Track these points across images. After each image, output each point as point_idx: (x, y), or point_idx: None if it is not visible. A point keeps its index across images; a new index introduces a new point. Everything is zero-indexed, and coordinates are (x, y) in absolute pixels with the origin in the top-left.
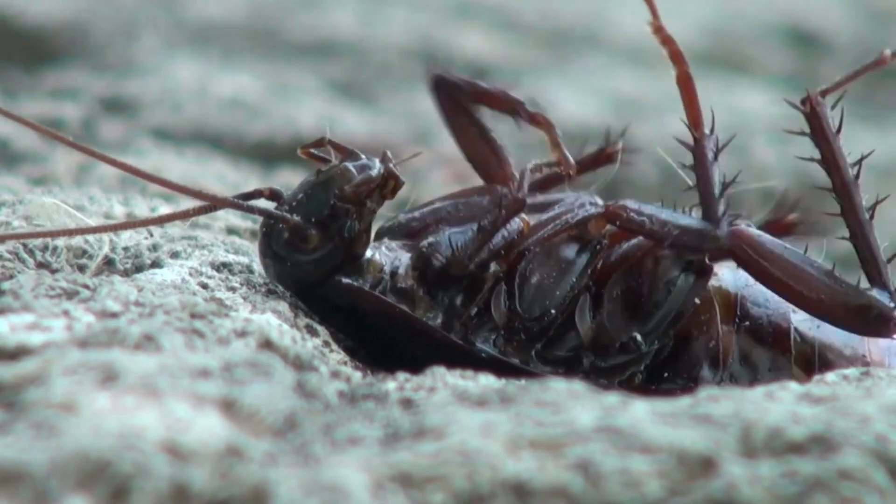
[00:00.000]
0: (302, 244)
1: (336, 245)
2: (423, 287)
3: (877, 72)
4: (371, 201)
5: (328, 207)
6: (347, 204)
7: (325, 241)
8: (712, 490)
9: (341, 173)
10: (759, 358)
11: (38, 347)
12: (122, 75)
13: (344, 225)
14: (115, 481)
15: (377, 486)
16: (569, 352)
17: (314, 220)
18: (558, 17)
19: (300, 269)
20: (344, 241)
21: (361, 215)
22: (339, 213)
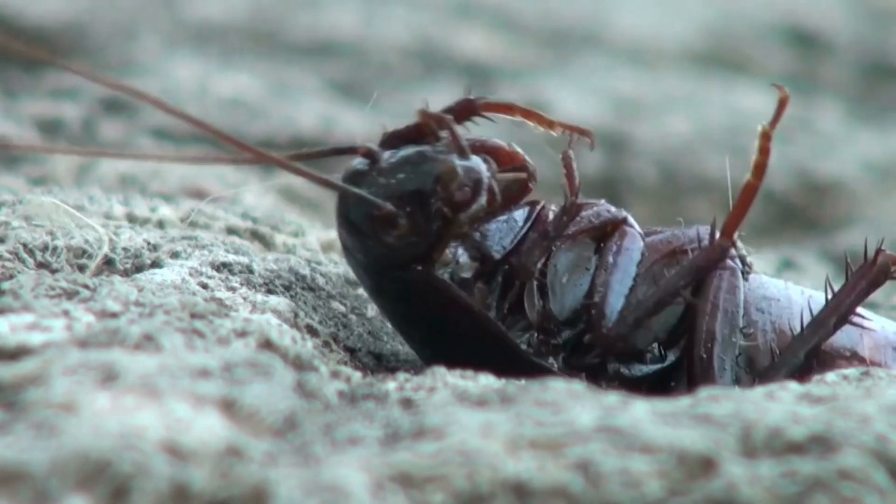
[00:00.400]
0: (388, 229)
1: (421, 240)
2: (481, 279)
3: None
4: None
5: (426, 205)
6: (446, 210)
7: (413, 233)
8: (712, 490)
9: (451, 177)
10: (761, 365)
11: (38, 347)
12: (122, 75)
13: (436, 225)
14: (115, 481)
15: (377, 486)
16: (594, 358)
17: (407, 210)
18: (558, 17)
19: (379, 248)
20: (430, 240)
21: (452, 225)
22: (435, 214)
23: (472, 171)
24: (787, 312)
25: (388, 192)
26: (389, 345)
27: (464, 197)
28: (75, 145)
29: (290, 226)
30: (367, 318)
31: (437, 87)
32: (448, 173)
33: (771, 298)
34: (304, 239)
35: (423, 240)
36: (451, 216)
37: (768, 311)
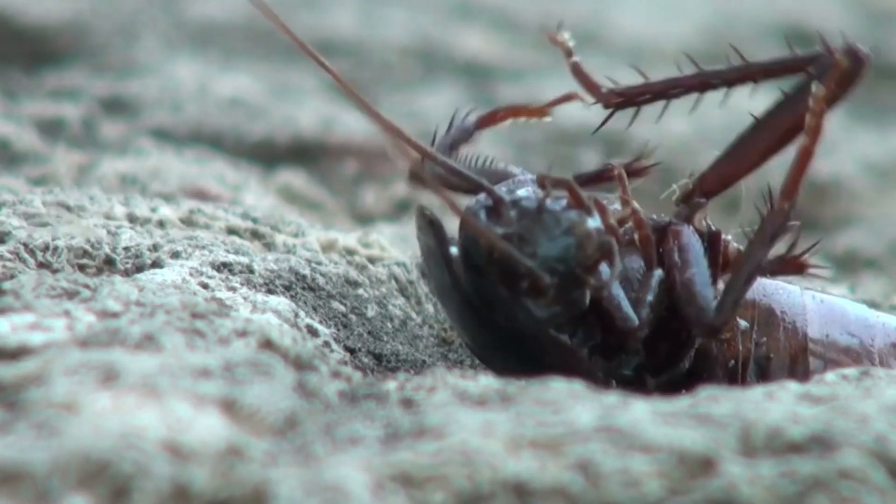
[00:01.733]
0: (536, 297)
1: (564, 309)
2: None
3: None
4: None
5: (570, 273)
6: (587, 276)
7: (556, 302)
8: (712, 490)
9: (588, 240)
10: (776, 376)
11: (38, 347)
12: (122, 75)
13: (577, 294)
14: (115, 481)
15: (377, 485)
16: (633, 371)
17: (555, 280)
18: (558, 17)
19: (518, 311)
20: (571, 308)
21: (591, 283)
22: (578, 282)
23: (601, 232)
24: (801, 319)
25: (538, 259)
26: (389, 345)
27: (599, 257)
28: (75, 146)
29: (290, 226)
30: (367, 318)
31: (437, 87)
32: (587, 239)
33: (784, 305)
34: (305, 239)
35: (566, 308)
36: (586, 280)
37: (782, 319)
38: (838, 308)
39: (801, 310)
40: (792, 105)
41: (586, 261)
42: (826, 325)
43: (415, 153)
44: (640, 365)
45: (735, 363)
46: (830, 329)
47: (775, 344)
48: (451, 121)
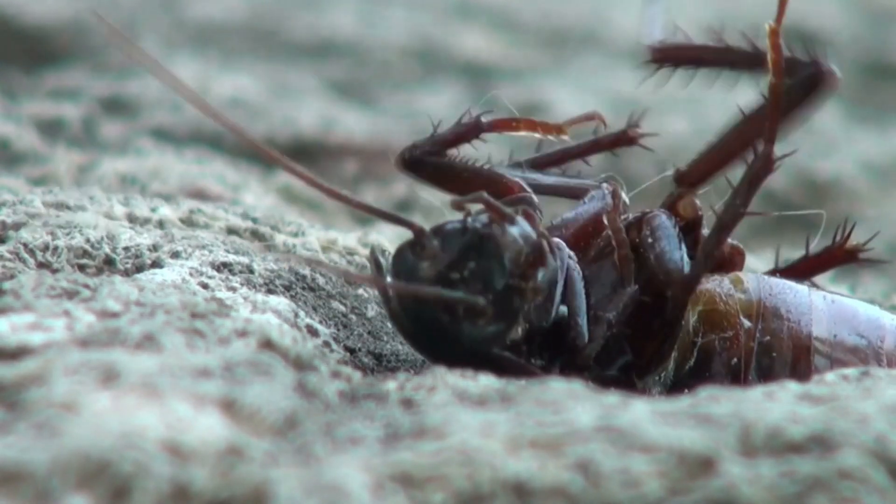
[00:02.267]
0: (474, 319)
1: (506, 322)
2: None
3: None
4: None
5: (504, 287)
6: (523, 285)
7: (497, 318)
8: (712, 490)
9: (517, 253)
10: (778, 375)
11: (38, 347)
12: (122, 75)
13: (517, 303)
14: (115, 481)
15: (377, 485)
16: (619, 371)
17: (490, 297)
18: (558, 17)
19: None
20: (511, 318)
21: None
22: (514, 292)
23: (528, 237)
24: (807, 318)
25: (470, 285)
26: (389, 345)
27: (530, 263)
28: (75, 146)
29: (290, 226)
30: (367, 318)
31: (437, 87)
32: (512, 246)
33: (790, 304)
34: (305, 239)
35: (507, 321)
36: (524, 288)
37: (787, 318)
38: (849, 308)
39: (807, 309)
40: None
41: (516, 270)
42: (835, 325)
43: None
44: (626, 364)
45: (738, 361)
46: (839, 329)
47: (778, 343)
48: (460, 118)
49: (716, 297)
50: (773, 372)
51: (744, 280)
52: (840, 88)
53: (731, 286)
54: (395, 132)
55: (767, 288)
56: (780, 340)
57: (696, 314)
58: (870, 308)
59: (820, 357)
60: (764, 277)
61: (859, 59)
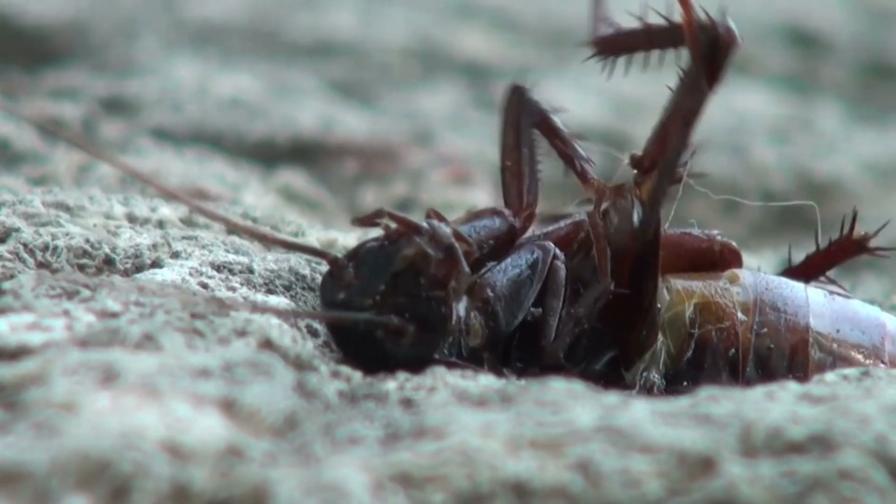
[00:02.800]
0: (398, 340)
1: (434, 332)
2: (489, 346)
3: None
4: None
5: (421, 299)
6: (439, 292)
7: (422, 332)
8: (712, 490)
9: (423, 261)
10: (776, 365)
11: (38, 347)
12: (122, 75)
13: (438, 310)
14: (115, 481)
15: (377, 485)
16: (606, 365)
17: (407, 316)
18: (558, 17)
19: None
20: (440, 326)
21: (450, 298)
22: (432, 302)
23: (437, 239)
24: (804, 311)
25: (384, 306)
26: None
27: (444, 268)
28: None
29: (290, 226)
30: None
31: (437, 87)
32: (419, 256)
33: (787, 298)
34: (305, 239)
35: (435, 331)
36: (443, 293)
37: (783, 311)
38: (850, 306)
39: (804, 303)
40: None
41: (428, 280)
42: (837, 321)
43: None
44: (612, 358)
45: (735, 352)
46: (841, 325)
47: (775, 334)
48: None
49: (712, 290)
50: (771, 363)
51: (740, 276)
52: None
53: (727, 282)
54: (395, 132)
55: (764, 283)
56: (778, 332)
57: (693, 306)
58: (870, 307)
59: (822, 353)
60: (760, 273)
61: (859, 59)
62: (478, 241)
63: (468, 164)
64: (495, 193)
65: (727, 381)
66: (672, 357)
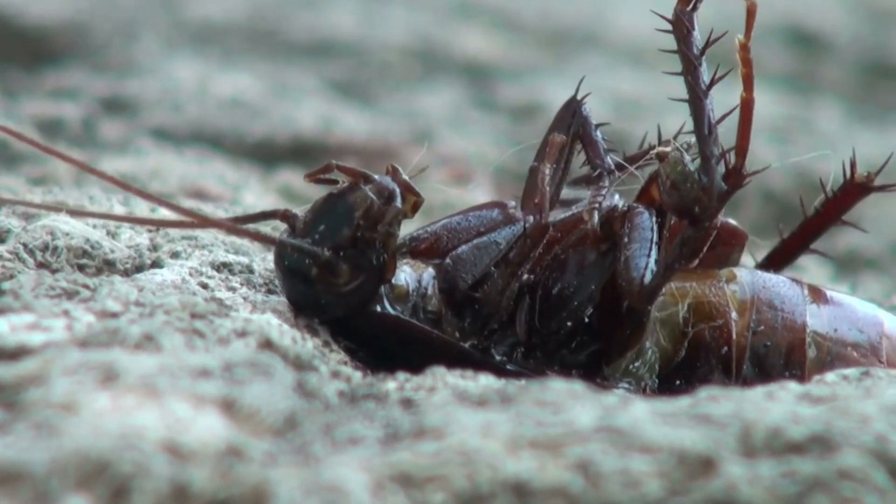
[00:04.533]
0: (333, 279)
1: (368, 276)
2: (450, 309)
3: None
4: (395, 225)
5: (355, 239)
6: (373, 233)
7: (357, 273)
8: (712, 490)
9: (363, 201)
10: (772, 364)
11: (38, 347)
12: (122, 75)
13: (373, 255)
14: (115, 481)
15: (377, 485)
16: (588, 357)
17: (342, 254)
18: (558, 17)
19: (332, 302)
20: (375, 272)
21: (387, 242)
22: (366, 243)
23: (380, 185)
24: (801, 310)
25: (320, 243)
26: None
27: (382, 211)
28: (75, 145)
29: None
30: None
31: (437, 87)
32: (360, 201)
33: (784, 296)
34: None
35: (372, 276)
36: (379, 235)
37: (780, 309)
38: (848, 305)
39: (801, 301)
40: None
41: (369, 221)
42: (835, 320)
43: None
44: (595, 351)
45: (728, 350)
46: (839, 324)
47: (772, 333)
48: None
49: (706, 290)
50: (767, 361)
51: (737, 274)
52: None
53: (724, 280)
54: (395, 132)
55: (761, 282)
56: (775, 330)
57: (686, 305)
58: (868, 305)
59: (820, 351)
60: (757, 272)
61: (860, 59)
62: (466, 227)
63: (468, 164)
64: (495, 193)
65: (721, 380)
66: (665, 357)
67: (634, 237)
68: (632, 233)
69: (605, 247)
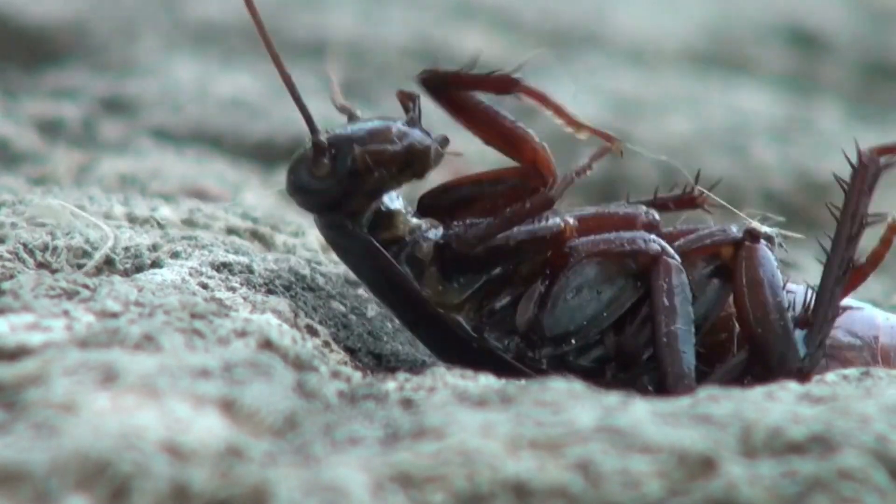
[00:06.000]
0: (312, 168)
1: (337, 188)
2: (437, 264)
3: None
4: (390, 170)
5: (351, 152)
6: (369, 159)
7: (331, 177)
8: (712, 490)
9: (382, 130)
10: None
11: (38, 347)
12: (122, 75)
13: (358, 178)
14: (115, 481)
15: (377, 486)
16: (592, 363)
17: (334, 153)
18: (558, 17)
19: (302, 188)
20: (346, 190)
21: (378, 180)
22: (362, 165)
23: (406, 134)
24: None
25: (333, 135)
26: (389, 345)
27: (388, 152)
28: (75, 145)
29: (290, 226)
30: (367, 318)
31: None
32: (382, 129)
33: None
34: (305, 239)
35: (339, 188)
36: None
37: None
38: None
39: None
40: None
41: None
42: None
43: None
44: (602, 357)
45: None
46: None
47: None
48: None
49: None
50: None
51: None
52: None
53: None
54: None
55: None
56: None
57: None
58: (860, 304)
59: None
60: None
61: (860, 58)
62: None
63: (468, 165)
64: None
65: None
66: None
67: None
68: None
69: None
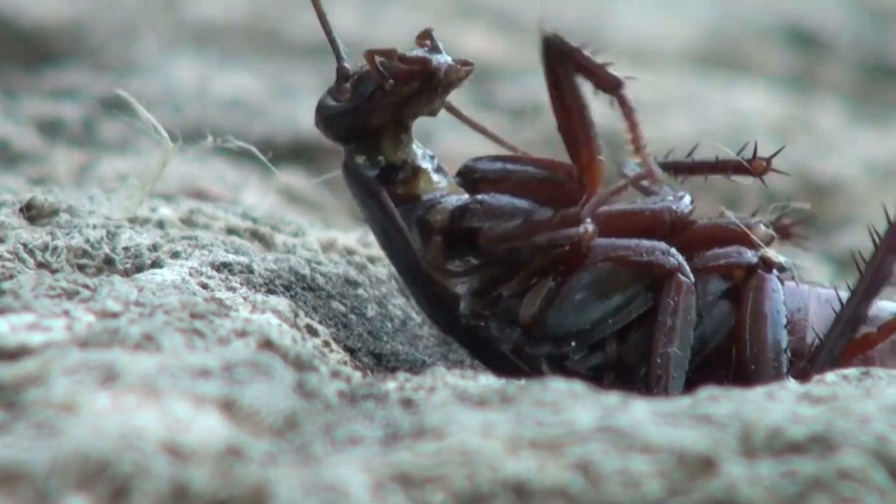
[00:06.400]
0: (335, 92)
1: (355, 113)
2: (443, 234)
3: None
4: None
5: (372, 75)
6: (387, 73)
7: (353, 99)
8: (712, 490)
9: (393, 52)
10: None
11: (38, 347)
12: (122, 75)
13: (376, 93)
14: (115, 481)
15: (377, 485)
16: (590, 370)
17: (356, 78)
18: (558, 17)
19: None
20: (363, 114)
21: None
22: (385, 94)
23: (424, 54)
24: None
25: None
26: (389, 345)
27: (405, 70)
28: (75, 145)
29: (290, 226)
30: (367, 318)
31: None
32: (392, 51)
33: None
34: (304, 239)
35: (357, 113)
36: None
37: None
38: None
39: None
40: None
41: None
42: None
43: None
44: (600, 365)
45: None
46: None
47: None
48: None
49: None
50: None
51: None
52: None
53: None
54: None
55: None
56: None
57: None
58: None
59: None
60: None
61: (860, 59)
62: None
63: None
64: None
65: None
66: None
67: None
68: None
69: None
